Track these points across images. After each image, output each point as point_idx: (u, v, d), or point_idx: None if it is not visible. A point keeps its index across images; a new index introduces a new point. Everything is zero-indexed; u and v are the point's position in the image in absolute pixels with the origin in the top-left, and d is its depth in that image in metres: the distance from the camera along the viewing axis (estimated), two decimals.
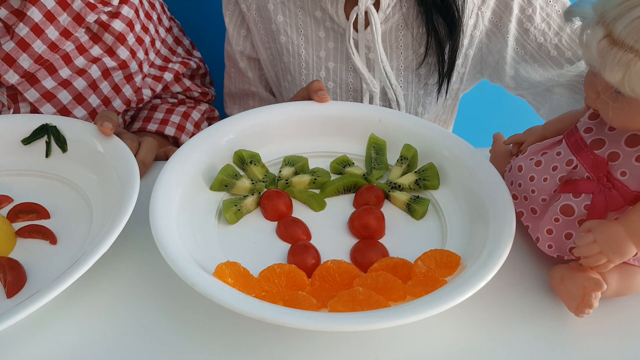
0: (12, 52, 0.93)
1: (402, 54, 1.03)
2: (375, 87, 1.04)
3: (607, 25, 0.53)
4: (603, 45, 0.53)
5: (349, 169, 0.84)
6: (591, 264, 0.62)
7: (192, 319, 0.65)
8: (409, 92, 1.07)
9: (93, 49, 1.00)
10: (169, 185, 0.72)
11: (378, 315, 0.56)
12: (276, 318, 0.55)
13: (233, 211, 0.75)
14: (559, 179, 0.67)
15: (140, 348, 0.63)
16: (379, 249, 0.71)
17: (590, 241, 0.61)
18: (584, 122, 0.67)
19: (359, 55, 1.02)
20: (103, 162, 0.78)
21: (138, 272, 0.71)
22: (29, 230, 0.74)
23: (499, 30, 1.00)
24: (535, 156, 0.71)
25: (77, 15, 0.96)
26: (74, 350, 0.62)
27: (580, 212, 0.65)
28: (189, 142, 0.80)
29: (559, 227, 0.67)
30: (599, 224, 0.62)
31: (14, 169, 0.83)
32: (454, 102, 1.16)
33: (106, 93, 1.03)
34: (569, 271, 0.65)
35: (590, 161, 0.65)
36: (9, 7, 0.93)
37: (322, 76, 1.07)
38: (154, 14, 1.10)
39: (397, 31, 1.01)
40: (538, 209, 0.70)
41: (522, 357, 0.63)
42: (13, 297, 0.66)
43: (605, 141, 0.64)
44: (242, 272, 0.65)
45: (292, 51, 1.07)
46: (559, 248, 0.69)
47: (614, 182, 0.63)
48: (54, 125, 0.82)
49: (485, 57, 1.06)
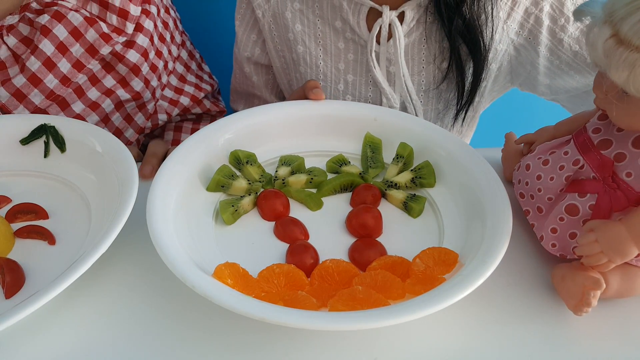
0: (23, 87, 0.91)
1: (423, 68, 1.00)
2: (395, 101, 1.02)
3: (615, 25, 0.53)
4: (609, 45, 0.53)
5: (345, 168, 0.84)
6: (592, 263, 0.62)
7: (192, 319, 0.66)
8: (428, 107, 1.05)
9: (106, 79, 0.97)
10: (166, 186, 0.72)
11: (378, 314, 0.57)
12: (277, 318, 0.56)
13: (230, 212, 0.75)
14: (565, 179, 0.67)
15: (139, 349, 0.63)
16: (377, 248, 0.71)
17: (591, 240, 0.62)
18: (593, 122, 0.68)
19: (379, 69, 1.00)
20: (102, 162, 0.78)
21: (137, 273, 0.71)
22: (28, 231, 0.74)
23: (529, 42, 0.98)
24: (544, 155, 0.71)
25: (90, 47, 0.93)
26: (73, 351, 0.62)
27: (585, 212, 0.66)
28: (185, 143, 0.80)
29: (564, 227, 0.68)
30: (601, 224, 0.62)
31: (13, 170, 0.82)
32: (473, 114, 1.13)
33: (118, 124, 1.01)
34: (570, 270, 0.65)
35: (597, 161, 0.65)
36: (18, 34, 0.91)
37: (341, 89, 1.05)
38: (167, 34, 1.06)
39: (420, 44, 0.99)
40: (544, 207, 0.71)
41: (522, 355, 0.63)
42: (12, 298, 0.66)
43: (612, 142, 0.65)
44: (241, 272, 0.65)
45: (310, 62, 1.04)
46: (562, 247, 0.69)
47: (619, 182, 0.64)
48: (52, 126, 0.82)
49: (516, 69, 1.03)
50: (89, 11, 0.93)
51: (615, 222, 0.61)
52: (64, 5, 0.90)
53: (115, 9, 0.93)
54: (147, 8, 0.98)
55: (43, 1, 0.90)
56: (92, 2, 0.93)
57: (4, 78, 0.91)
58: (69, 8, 0.90)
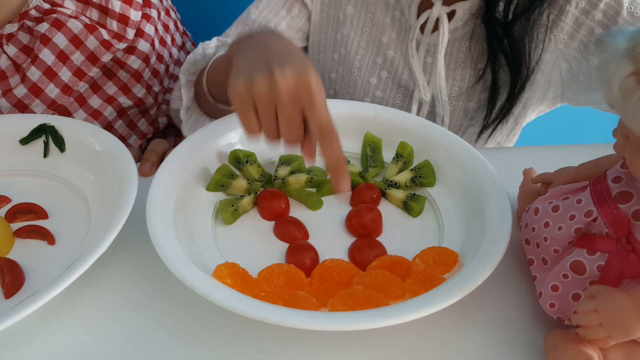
0: (24, 98, 0.90)
1: (459, 67, 0.99)
2: (426, 95, 1.00)
3: (638, 61, 0.46)
4: (628, 84, 0.46)
5: None
6: (588, 336, 0.55)
7: (191, 319, 0.65)
8: (457, 107, 1.02)
9: (107, 86, 0.97)
10: (165, 185, 0.72)
11: (378, 314, 0.57)
12: (276, 318, 0.56)
13: (230, 211, 0.75)
14: (575, 230, 0.59)
15: (138, 349, 0.63)
16: (376, 247, 0.71)
17: (590, 309, 0.54)
18: (615, 169, 0.59)
19: (417, 57, 0.98)
20: (101, 162, 0.78)
21: (136, 273, 0.71)
22: (27, 231, 0.74)
23: (580, 54, 0.92)
24: (555, 200, 0.63)
25: (91, 54, 0.92)
26: (72, 351, 0.62)
27: (593, 273, 0.57)
28: (185, 142, 0.80)
29: (566, 285, 0.59)
30: (604, 291, 0.54)
31: (12, 169, 0.82)
32: (513, 125, 1.08)
33: (121, 132, 1.01)
34: (563, 339, 0.58)
35: (612, 216, 0.56)
36: (18, 43, 0.90)
37: (379, 63, 1.02)
38: (168, 37, 1.05)
39: (460, 45, 0.97)
40: (549, 259, 0.62)
41: (522, 353, 0.63)
42: (11, 298, 0.66)
43: (633, 195, 0.56)
44: (240, 272, 0.65)
45: (356, 26, 1.01)
46: (561, 309, 0.61)
47: (635, 245, 0.55)
48: (52, 125, 0.82)
49: (568, 82, 0.97)
50: (88, 17, 0.92)
51: (621, 291, 0.53)
52: (63, 13, 0.89)
53: (116, 15, 0.93)
54: (148, 12, 0.98)
55: (42, 8, 0.89)
56: (92, 7, 0.92)
57: (5, 88, 0.91)
58: (69, 15, 0.90)
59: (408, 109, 1.03)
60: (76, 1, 0.91)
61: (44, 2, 0.89)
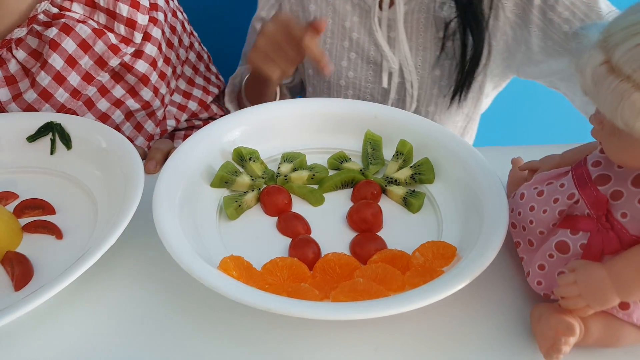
0: (34, 103, 0.91)
1: (421, 37, 1.07)
2: (394, 63, 1.08)
3: (608, 51, 0.50)
4: (600, 72, 0.50)
5: (346, 164, 0.85)
6: (569, 306, 0.59)
7: (197, 311, 0.67)
8: (425, 72, 1.10)
9: (115, 89, 0.98)
10: (170, 182, 0.74)
11: (379, 304, 0.59)
12: (282, 308, 0.57)
13: (234, 207, 0.77)
14: (559, 213, 0.63)
15: (146, 340, 0.64)
16: (377, 242, 0.73)
17: (570, 281, 0.58)
18: (594, 154, 0.63)
19: (381, 33, 1.07)
20: (107, 159, 0.80)
21: (143, 266, 0.73)
22: (35, 226, 0.75)
23: (522, 21, 1.02)
24: (540, 185, 0.67)
25: (99, 59, 0.93)
26: (80, 342, 0.64)
27: (576, 251, 0.61)
28: (189, 140, 0.81)
29: (552, 264, 0.63)
30: (583, 265, 0.58)
31: (19, 166, 0.84)
32: (476, 96, 1.16)
33: (128, 133, 1.02)
34: (547, 311, 0.61)
35: (592, 197, 0.60)
36: (27, 47, 0.91)
37: (346, 46, 1.12)
38: (175, 39, 1.07)
39: (419, 13, 1.06)
40: (535, 241, 0.66)
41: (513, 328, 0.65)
42: (21, 290, 0.67)
43: (611, 178, 0.60)
44: (245, 265, 0.67)
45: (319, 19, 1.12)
46: (548, 286, 0.65)
47: (613, 223, 0.59)
48: (58, 123, 0.83)
49: (512, 49, 1.07)
50: (96, 21, 0.93)
51: (598, 264, 0.58)
52: (71, 17, 0.90)
53: (123, 19, 0.94)
54: (155, 15, 0.99)
55: (50, 12, 0.90)
56: (100, 11, 0.93)
57: (15, 93, 0.92)
58: (77, 20, 0.91)
59: (380, 82, 1.12)
60: (84, 5, 0.92)
61: (52, 7, 0.90)
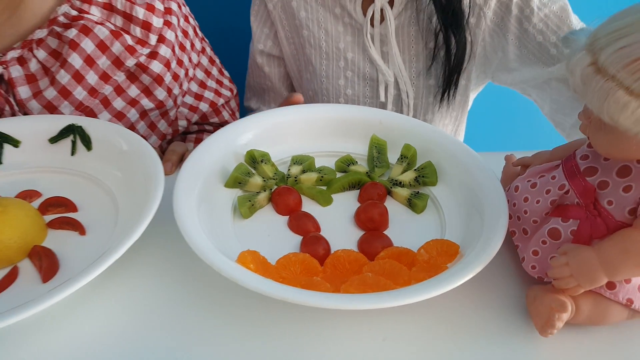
0: (53, 100, 0.95)
1: (413, 49, 1.13)
2: (390, 76, 1.14)
3: (595, 54, 0.55)
4: (587, 72, 0.55)
5: (353, 167, 0.89)
6: (562, 286, 0.64)
7: (215, 303, 0.71)
8: (420, 82, 1.15)
9: (130, 88, 1.02)
10: (189, 182, 0.77)
11: (389, 295, 0.62)
12: (298, 298, 0.61)
13: (247, 206, 0.80)
14: (551, 202, 0.68)
15: (168, 330, 0.68)
16: (384, 240, 0.77)
17: (562, 263, 0.63)
18: (582, 149, 0.69)
19: (374, 48, 1.12)
20: (128, 160, 0.83)
21: (161, 261, 0.76)
22: (60, 222, 0.78)
23: (500, 29, 1.09)
24: (533, 178, 0.73)
25: (116, 59, 0.97)
26: (106, 331, 0.67)
27: (567, 237, 0.67)
28: (205, 143, 0.85)
29: (545, 250, 0.69)
30: (574, 248, 0.63)
31: (41, 166, 0.88)
32: (463, 99, 1.21)
33: (142, 132, 1.06)
34: (541, 291, 0.67)
35: (581, 187, 0.66)
36: (47, 47, 0.95)
37: (342, 66, 1.17)
38: (187, 42, 1.11)
39: (409, 26, 1.11)
40: (529, 229, 0.72)
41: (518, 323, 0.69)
42: (48, 282, 0.70)
43: (598, 169, 0.65)
44: (261, 259, 0.70)
45: (314, 44, 1.18)
46: (541, 270, 0.70)
47: (600, 210, 0.64)
48: (79, 126, 0.87)
49: (489, 55, 1.14)
50: (113, 23, 0.97)
51: (587, 247, 0.63)
52: (90, 19, 0.95)
53: (139, 22, 0.98)
54: (169, 19, 1.03)
55: (70, 15, 0.94)
56: (117, 14, 0.97)
57: (35, 90, 0.95)
58: (95, 21, 0.95)
59: (377, 97, 1.18)
60: (102, 8, 0.97)
61: (72, 9, 0.94)
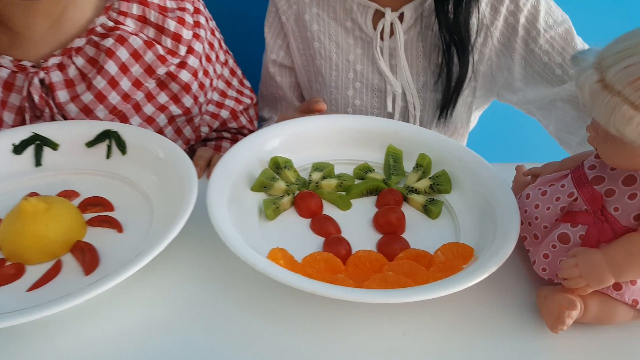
0: (90, 103, 1.01)
1: (421, 63, 1.18)
2: (397, 88, 1.19)
3: (602, 71, 0.60)
4: (595, 89, 0.60)
5: (370, 174, 0.94)
6: (571, 286, 0.68)
7: (246, 295, 0.76)
8: (427, 95, 1.20)
9: (160, 95, 1.08)
10: (219, 185, 0.82)
11: (410, 291, 0.68)
12: (327, 292, 0.66)
13: (272, 209, 0.85)
14: (561, 209, 0.73)
15: (203, 322, 0.72)
16: (402, 242, 0.81)
17: (572, 264, 0.67)
18: (590, 160, 0.73)
19: (383, 61, 1.17)
20: (162, 164, 0.88)
21: (195, 258, 0.81)
22: (98, 220, 0.83)
23: (506, 49, 1.13)
24: (543, 186, 0.77)
25: (148, 67, 1.04)
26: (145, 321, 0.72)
27: (576, 241, 0.71)
28: (233, 149, 0.90)
29: (555, 253, 0.73)
30: (583, 250, 0.68)
31: (79, 168, 0.93)
32: (467, 114, 1.26)
33: (169, 137, 1.12)
34: (551, 291, 0.71)
35: (589, 195, 0.70)
36: (85, 55, 1.01)
37: (351, 77, 1.22)
38: (212, 54, 1.17)
39: (417, 41, 1.16)
40: (539, 234, 0.76)
41: (530, 321, 0.73)
42: (90, 275, 0.74)
43: (605, 178, 0.70)
44: (289, 257, 0.75)
45: (324, 55, 1.22)
46: (551, 272, 0.74)
47: (607, 216, 0.68)
48: (115, 131, 0.93)
49: (495, 74, 1.18)
50: (146, 34, 1.04)
51: (596, 250, 0.67)
52: (125, 30, 1.02)
53: (170, 33, 1.05)
54: (197, 32, 1.10)
55: (107, 25, 1.01)
56: (150, 26, 1.04)
57: (73, 95, 1.02)
58: (130, 32, 1.02)
59: (385, 108, 1.23)
60: (136, 20, 1.04)
61: (109, 20, 1.02)
